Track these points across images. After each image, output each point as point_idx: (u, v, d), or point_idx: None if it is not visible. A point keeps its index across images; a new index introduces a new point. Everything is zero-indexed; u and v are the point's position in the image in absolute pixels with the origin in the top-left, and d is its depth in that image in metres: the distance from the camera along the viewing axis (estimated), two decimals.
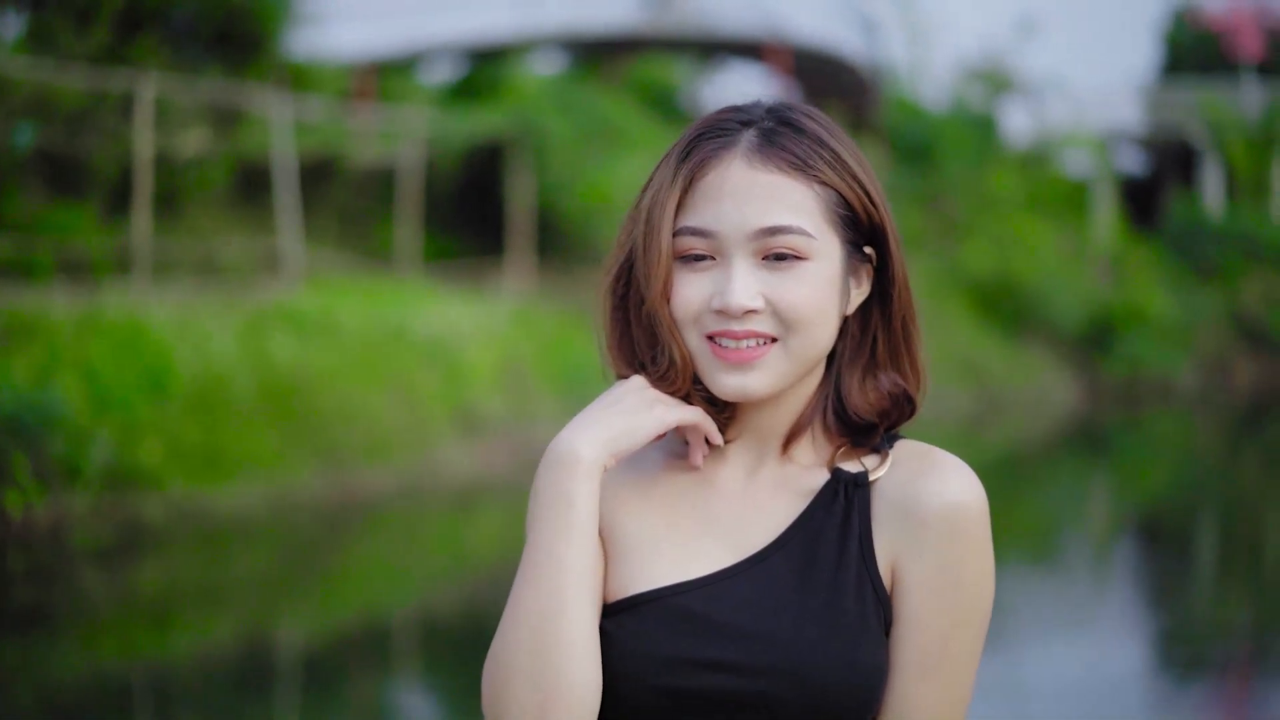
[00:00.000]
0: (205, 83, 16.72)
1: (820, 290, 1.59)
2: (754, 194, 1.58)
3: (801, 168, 1.60)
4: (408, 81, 26.65)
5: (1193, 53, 39.76)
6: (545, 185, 20.66)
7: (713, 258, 1.61)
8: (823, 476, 1.65)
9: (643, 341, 1.65)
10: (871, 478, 1.63)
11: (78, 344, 11.92)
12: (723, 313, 1.59)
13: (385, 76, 25.71)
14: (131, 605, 9.46)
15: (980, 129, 29.97)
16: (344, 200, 20.11)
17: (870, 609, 1.58)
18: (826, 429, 1.67)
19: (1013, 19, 49.36)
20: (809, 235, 1.58)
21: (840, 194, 1.61)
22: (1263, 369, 29.99)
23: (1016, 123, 32.96)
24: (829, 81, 30.30)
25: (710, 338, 1.61)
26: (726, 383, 1.60)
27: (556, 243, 21.14)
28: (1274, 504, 15.39)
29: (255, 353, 13.08)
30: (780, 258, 1.58)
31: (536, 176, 20.72)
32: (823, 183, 1.60)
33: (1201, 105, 35.16)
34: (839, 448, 1.66)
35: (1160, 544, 12.73)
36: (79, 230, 15.17)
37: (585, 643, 1.54)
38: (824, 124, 1.64)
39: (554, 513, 1.57)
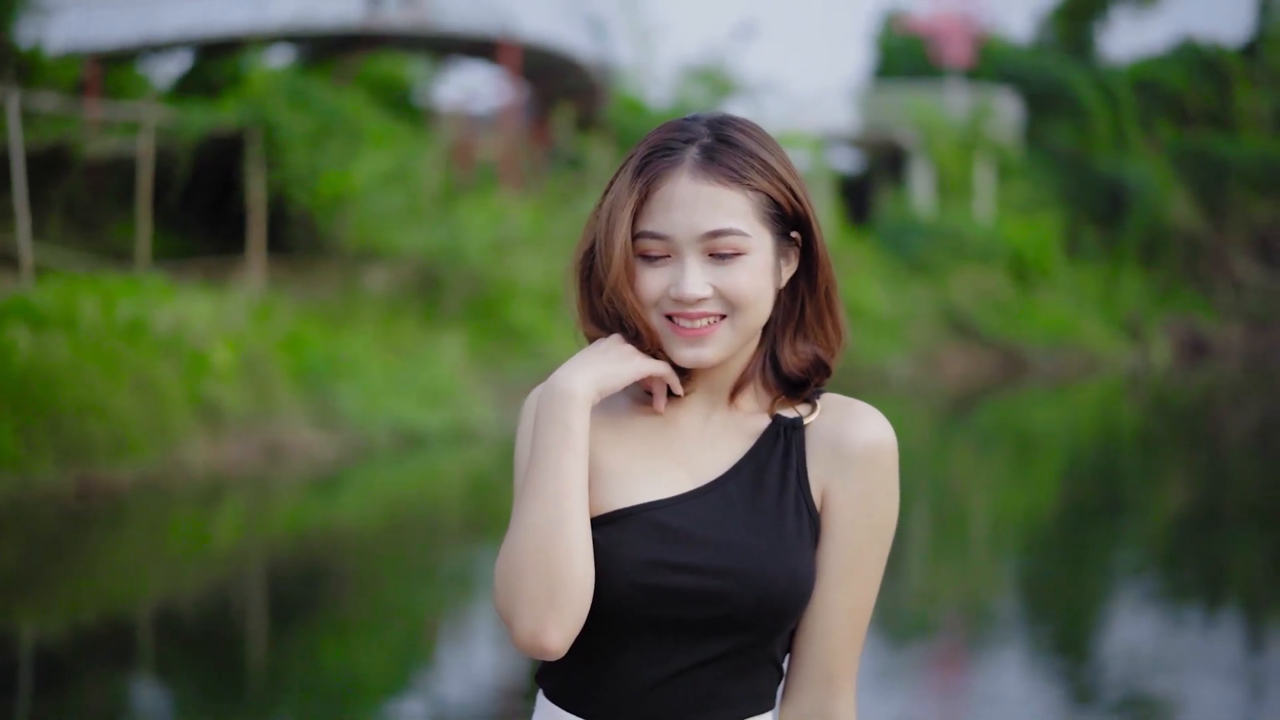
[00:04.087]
0: None
1: (758, 276, 1.98)
2: (699, 203, 1.96)
3: (737, 179, 1.97)
4: (132, 75, 26.14)
5: (903, 57, 40.96)
6: (281, 180, 20.53)
7: (668, 255, 1.98)
8: (764, 421, 2.05)
9: (608, 314, 2.04)
10: (805, 422, 2.04)
11: None
12: (679, 300, 1.97)
13: (110, 70, 25.16)
14: None
15: None
16: (76, 195, 19.72)
17: (806, 527, 1.99)
18: (765, 383, 2.07)
19: (733, 23, 50.58)
20: (745, 235, 1.96)
21: (770, 196, 1.98)
22: (970, 359, 31.47)
23: None
24: (558, 81, 30.61)
25: (669, 317, 1.99)
26: (684, 354, 1.99)
27: (294, 238, 21.04)
28: (979, 484, 16.39)
29: None
30: (724, 254, 1.96)
31: (272, 172, 20.61)
32: (755, 189, 1.97)
33: (910, 108, 36.44)
34: (776, 398, 2.06)
35: None
36: None
37: (583, 542, 1.91)
38: (755, 136, 2.01)
39: (555, 437, 1.95)
